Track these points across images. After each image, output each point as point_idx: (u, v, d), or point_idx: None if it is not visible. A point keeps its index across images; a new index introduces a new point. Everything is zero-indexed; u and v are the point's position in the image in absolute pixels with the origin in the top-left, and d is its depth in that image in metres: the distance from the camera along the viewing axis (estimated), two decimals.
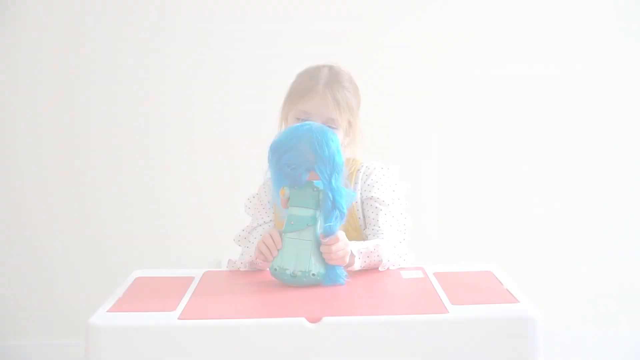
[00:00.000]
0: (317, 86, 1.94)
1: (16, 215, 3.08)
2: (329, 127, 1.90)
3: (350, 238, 1.87)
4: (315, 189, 1.73)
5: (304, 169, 1.71)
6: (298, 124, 1.75)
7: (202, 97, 3.06)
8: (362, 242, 1.85)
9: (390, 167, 2.00)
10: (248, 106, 3.05)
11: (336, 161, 1.70)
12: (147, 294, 1.69)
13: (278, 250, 1.73)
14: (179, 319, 1.51)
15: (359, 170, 1.98)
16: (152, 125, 3.05)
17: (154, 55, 3.04)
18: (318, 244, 1.72)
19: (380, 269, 1.83)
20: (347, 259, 1.74)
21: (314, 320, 1.49)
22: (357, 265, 1.79)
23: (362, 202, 1.96)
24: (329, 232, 1.70)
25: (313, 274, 1.70)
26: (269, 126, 1.93)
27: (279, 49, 3.04)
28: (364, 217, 1.96)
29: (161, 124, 3.05)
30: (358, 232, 1.95)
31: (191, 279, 1.80)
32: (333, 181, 1.70)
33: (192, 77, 3.05)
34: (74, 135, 3.04)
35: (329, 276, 1.72)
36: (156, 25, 3.04)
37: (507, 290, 1.65)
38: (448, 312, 1.52)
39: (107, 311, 1.57)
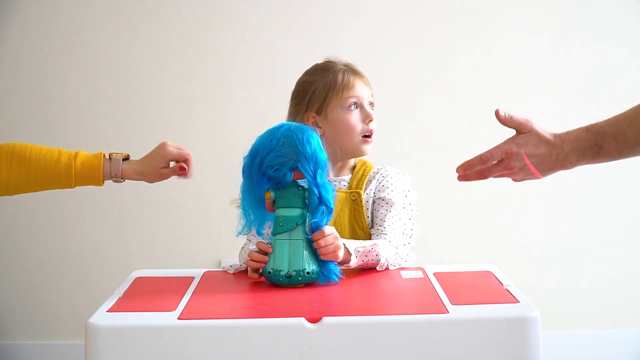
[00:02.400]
0: (356, 75, 2.00)
1: (16, 215, 3.08)
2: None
3: (357, 238, 1.87)
4: (300, 188, 1.73)
5: (288, 168, 1.72)
6: (275, 126, 1.75)
7: (202, 97, 3.06)
8: (360, 240, 1.85)
9: (405, 174, 2.01)
10: (250, 105, 3.04)
11: (319, 157, 1.71)
12: (147, 294, 1.70)
13: (269, 254, 1.73)
14: (178, 319, 1.51)
15: (373, 172, 1.99)
16: (152, 124, 3.05)
17: (155, 53, 3.04)
18: (309, 242, 1.72)
19: (377, 268, 1.83)
20: (341, 254, 1.73)
21: (314, 320, 1.49)
22: (353, 263, 1.79)
23: (373, 202, 1.96)
24: (315, 228, 1.71)
25: (307, 272, 1.70)
26: (270, 126, 1.93)
27: (285, 47, 3.04)
28: (372, 217, 1.96)
29: (161, 123, 3.05)
30: (366, 233, 1.95)
31: (191, 279, 1.80)
32: (318, 177, 1.70)
33: (192, 75, 3.05)
34: (73, 134, 3.04)
35: (322, 273, 1.72)
36: (157, 24, 3.04)
37: (507, 290, 1.65)
38: (448, 312, 1.52)
39: (107, 311, 1.57)
